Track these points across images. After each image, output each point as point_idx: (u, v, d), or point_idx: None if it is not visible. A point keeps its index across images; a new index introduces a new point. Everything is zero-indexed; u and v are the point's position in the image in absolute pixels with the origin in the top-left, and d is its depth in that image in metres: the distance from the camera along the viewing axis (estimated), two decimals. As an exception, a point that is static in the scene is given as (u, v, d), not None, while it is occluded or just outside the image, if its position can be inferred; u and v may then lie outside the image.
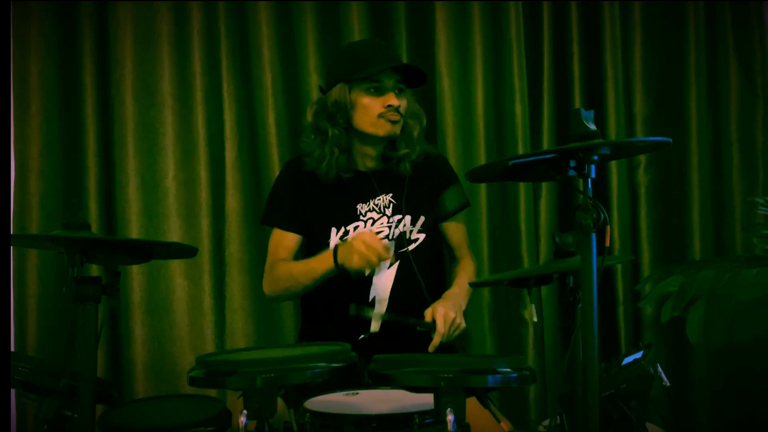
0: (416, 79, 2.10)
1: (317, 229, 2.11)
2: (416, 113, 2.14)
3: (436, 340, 1.89)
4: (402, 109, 2.06)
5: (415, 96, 2.21)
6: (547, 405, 2.43)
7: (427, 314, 1.93)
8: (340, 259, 1.95)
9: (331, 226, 2.09)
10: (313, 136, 2.11)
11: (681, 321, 2.00)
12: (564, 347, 2.38)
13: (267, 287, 2.15)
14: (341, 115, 2.06)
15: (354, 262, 1.91)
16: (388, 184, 2.13)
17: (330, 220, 2.09)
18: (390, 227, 2.10)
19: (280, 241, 2.13)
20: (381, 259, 1.92)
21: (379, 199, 2.12)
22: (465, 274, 2.16)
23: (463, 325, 1.95)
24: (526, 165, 1.42)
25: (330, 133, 2.07)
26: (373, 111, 2.04)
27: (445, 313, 1.91)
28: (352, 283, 2.05)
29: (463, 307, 2.03)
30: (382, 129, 2.06)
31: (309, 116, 2.13)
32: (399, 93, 2.07)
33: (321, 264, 1.99)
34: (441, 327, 1.89)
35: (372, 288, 2.07)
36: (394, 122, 2.06)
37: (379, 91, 2.05)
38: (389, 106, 2.04)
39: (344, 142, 2.08)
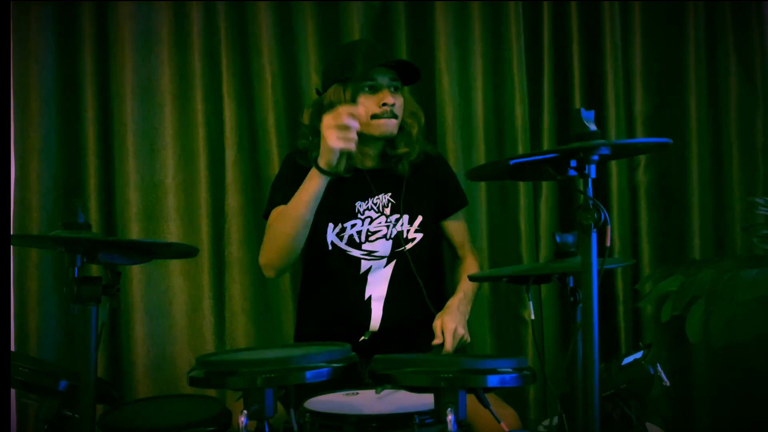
0: (410, 76, 2.09)
1: (314, 223, 2.05)
2: (414, 112, 2.13)
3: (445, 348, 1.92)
4: (398, 108, 2.05)
5: (414, 96, 2.21)
6: (547, 405, 2.43)
7: (436, 328, 1.94)
8: (321, 162, 1.91)
9: (328, 222, 2.08)
10: (310, 138, 2.08)
11: (681, 321, 2.00)
12: (564, 347, 2.38)
13: (263, 255, 2.05)
14: None
15: (331, 143, 1.86)
16: (386, 184, 2.13)
17: (327, 214, 2.06)
18: (388, 226, 2.10)
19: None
20: (350, 124, 1.86)
21: (378, 199, 2.12)
22: (467, 276, 2.16)
23: (467, 337, 1.97)
24: (526, 165, 1.42)
25: None
26: (368, 110, 2.03)
27: (455, 330, 1.92)
28: (348, 283, 2.05)
29: (467, 315, 2.04)
30: (377, 129, 2.04)
31: (305, 118, 2.12)
32: (394, 91, 2.06)
33: (308, 183, 1.94)
34: (449, 346, 1.90)
35: (367, 287, 2.07)
36: (388, 123, 2.04)
37: (373, 89, 2.04)
38: (384, 104, 2.02)
39: None
